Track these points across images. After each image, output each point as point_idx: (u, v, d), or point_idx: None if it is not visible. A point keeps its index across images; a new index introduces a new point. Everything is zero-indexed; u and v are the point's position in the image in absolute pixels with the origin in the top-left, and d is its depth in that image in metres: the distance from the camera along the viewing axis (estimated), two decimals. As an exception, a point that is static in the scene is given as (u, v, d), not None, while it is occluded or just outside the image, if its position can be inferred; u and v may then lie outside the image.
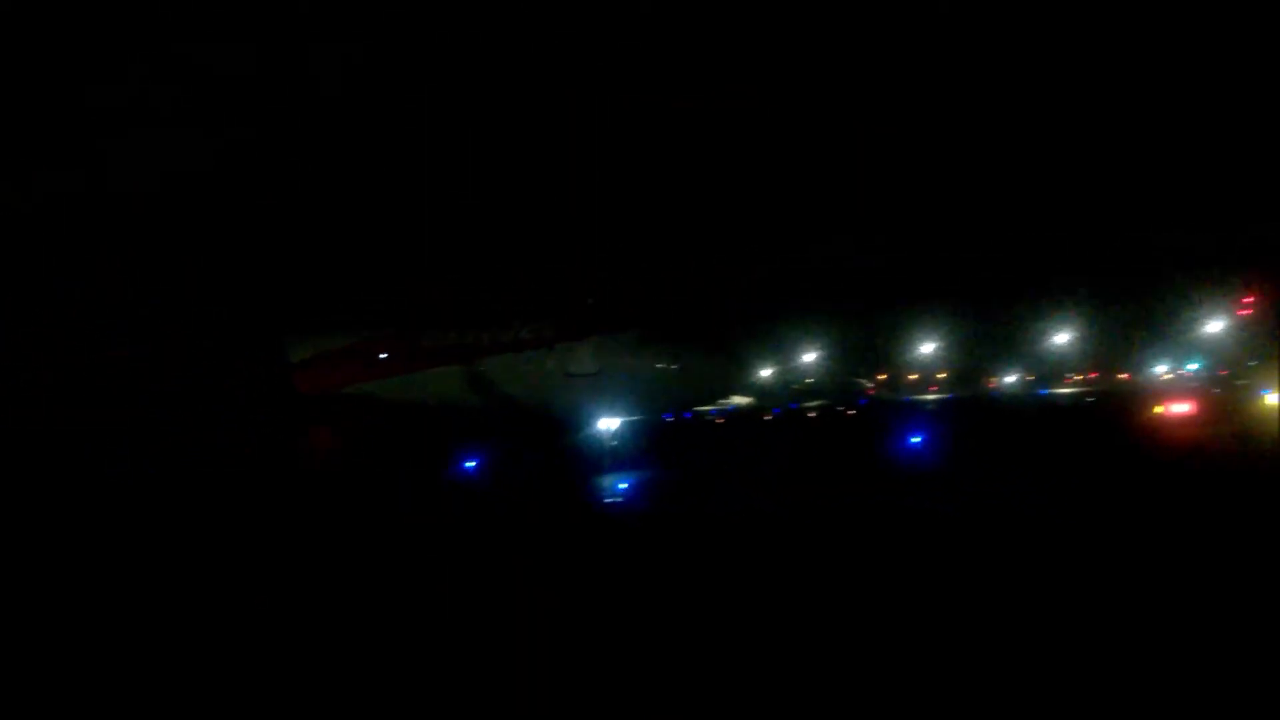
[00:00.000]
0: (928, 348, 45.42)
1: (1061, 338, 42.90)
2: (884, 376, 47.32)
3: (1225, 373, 43.91)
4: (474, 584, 13.14)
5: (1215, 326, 37.44)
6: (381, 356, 35.52)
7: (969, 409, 34.70)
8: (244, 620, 12.13)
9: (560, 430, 34.51)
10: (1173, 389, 40.48)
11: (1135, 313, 33.15)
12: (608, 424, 32.57)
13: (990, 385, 46.94)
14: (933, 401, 45.87)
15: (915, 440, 32.55)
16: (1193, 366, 41.29)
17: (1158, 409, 39.35)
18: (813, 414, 38.19)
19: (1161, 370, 40.02)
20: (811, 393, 40.02)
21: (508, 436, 36.67)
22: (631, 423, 33.22)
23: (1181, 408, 38.84)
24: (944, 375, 56.47)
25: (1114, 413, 39.41)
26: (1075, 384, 42.55)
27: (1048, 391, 39.52)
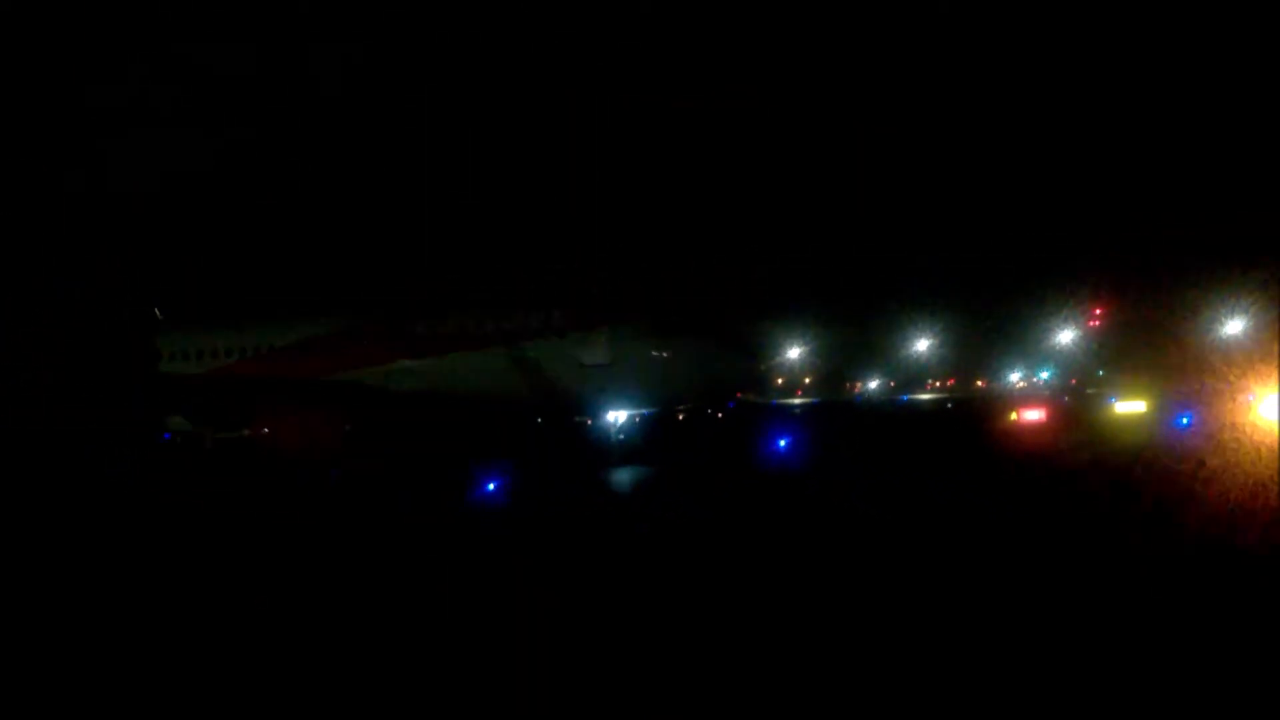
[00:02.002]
0: (793, 353, 46.00)
1: (922, 345, 43.86)
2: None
3: (1075, 381, 45.55)
4: (470, 588, 12.66)
5: (1066, 337, 38.74)
6: (368, 344, 33.66)
7: (833, 413, 35.22)
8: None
9: (576, 420, 33.99)
10: (1026, 396, 41.79)
11: (991, 322, 34.11)
12: (616, 416, 31.97)
13: (854, 390, 47.91)
14: (798, 405, 46.42)
15: (780, 443, 32.94)
16: (1045, 375, 42.70)
17: (1012, 415, 40.65)
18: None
19: (1016, 378, 41.25)
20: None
21: (520, 428, 35.61)
22: (639, 416, 32.73)
23: (1034, 414, 40.20)
24: (809, 380, 57.37)
25: (970, 418, 40.56)
26: (935, 390, 43.57)
27: (908, 397, 40.36)
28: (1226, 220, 41.26)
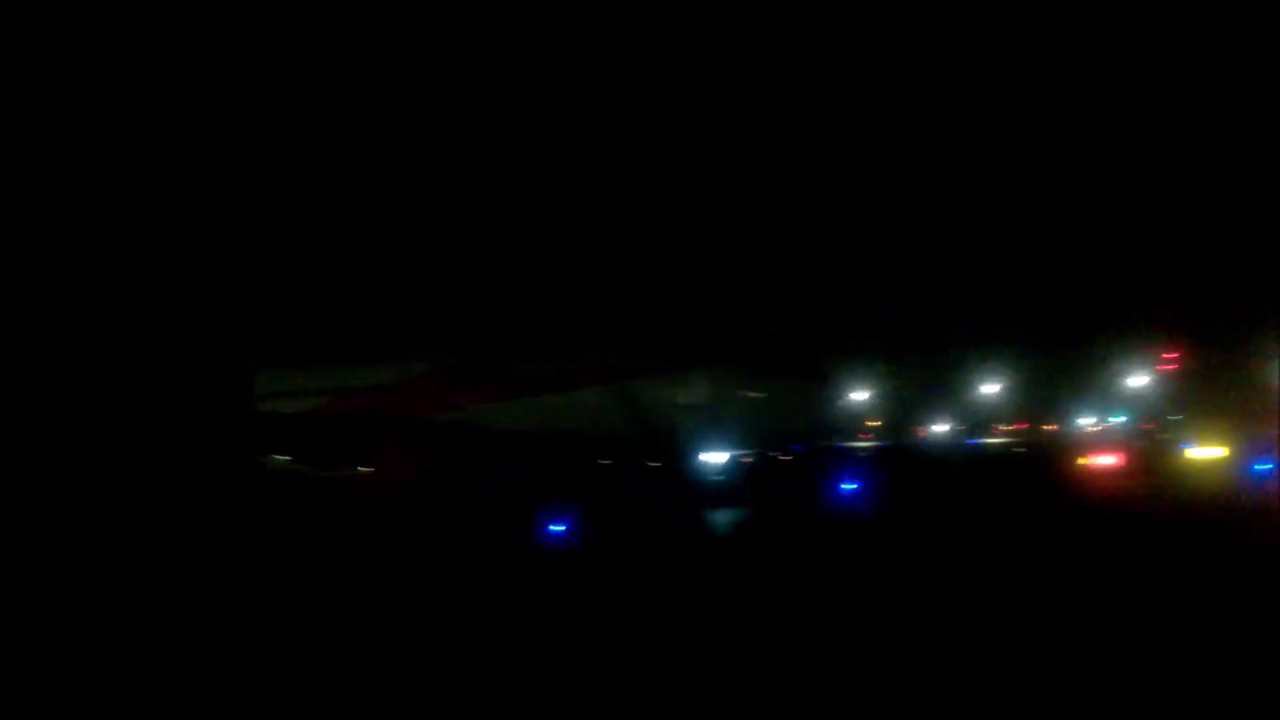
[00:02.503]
0: (860, 396, 45.46)
1: (991, 388, 43.24)
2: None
3: (1150, 425, 44.53)
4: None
5: (1140, 379, 37.95)
6: (468, 383, 34.16)
7: (898, 456, 34.86)
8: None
9: (674, 460, 33.84)
10: (1098, 440, 40.91)
11: (1062, 364, 33.49)
12: (714, 457, 31.52)
13: (920, 433, 47.14)
14: (863, 449, 45.91)
15: (848, 487, 32.54)
16: (1118, 418, 41.81)
17: (1083, 460, 39.77)
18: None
19: (1088, 422, 40.39)
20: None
21: (616, 468, 35.89)
22: (738, 457, 32.08)
23: (1106, 459, 39.29)
24: (874, 423, 56.64)
25: (1039, 462, 39.79)
26: (1004, 434, 42.86)
27: (976, 441, 39.71)
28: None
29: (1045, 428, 44.65)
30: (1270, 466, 34.80)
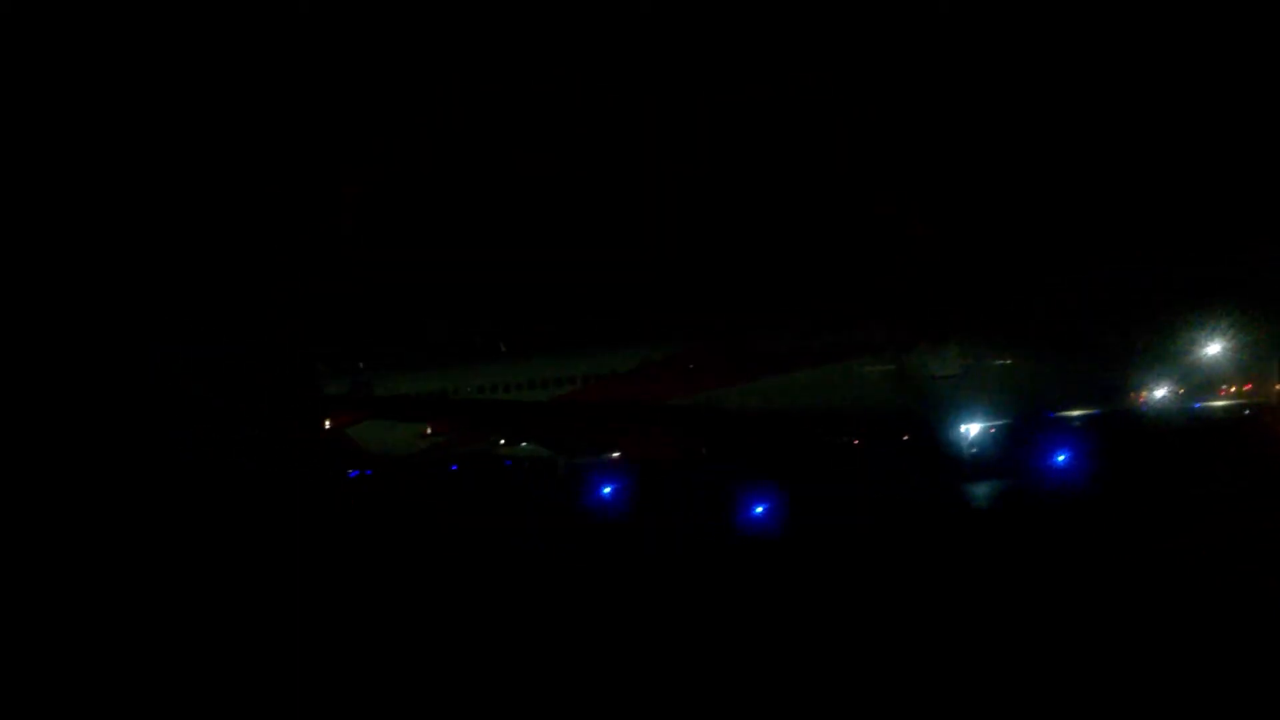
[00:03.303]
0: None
1: (1214, 348, 41.62)
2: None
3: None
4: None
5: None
6: (710, 366, 34.47)
7: (1117, 424, 33.93)
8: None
9: (928, 435, 33.72)
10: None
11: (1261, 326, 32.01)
12: (968, 429, 31.54)
13: (1139, 399, 45.47)
14: (1078, 417, 44.84)
15: (1060, 458, 32.04)
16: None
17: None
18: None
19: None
20: None
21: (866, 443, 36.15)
22: (993, 427, 32.17)
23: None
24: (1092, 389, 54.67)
25: (1270, 426, 38.03)
26: (1229, 396, 41.17)
27: (1200, 405, 38.41)
28: None
29: (1276, 388, 42.61)
30: None
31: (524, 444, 36.33)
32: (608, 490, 29.95)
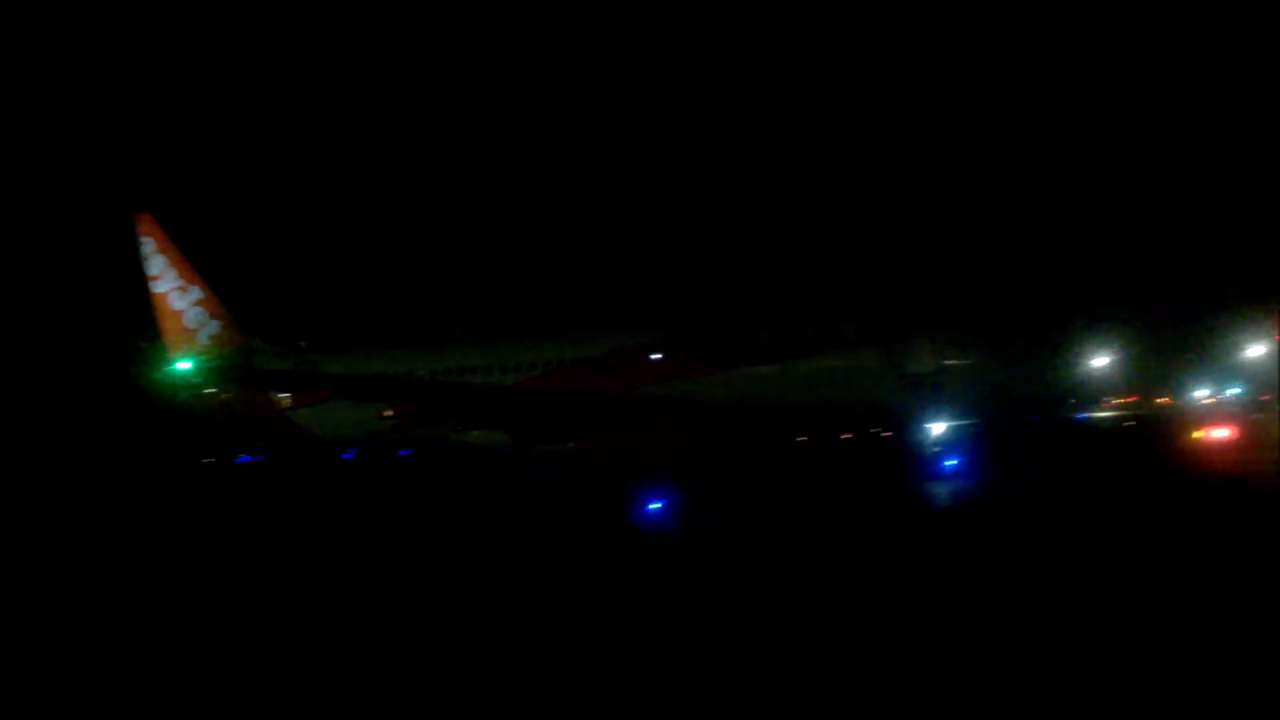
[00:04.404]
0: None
1: (1100, 361, 42.16)
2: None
3: (1267, 397, 43.18)
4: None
5: (1257, 349, 36.86)
6: (687, 355, 33.42)
7: (1009, 431, 34.21)
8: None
9: (898, 432, 33.10)
10: (1213, 413, 39.84)
11: (1175, 335, 32.57)
12: (937, 427, 31.13)
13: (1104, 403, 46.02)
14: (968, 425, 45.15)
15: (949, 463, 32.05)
16: (1233, 390, 40.68)
17: (1197, 433, 38.80)
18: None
19: (1201, 394, 39.41)
20: None
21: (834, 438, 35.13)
22: (960, 427, 31.69)
23: (1221, 432, 38.28)
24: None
25: (1152, 436, 38.91)
26: (1114, 407, 41.99)
27: (1085, 415, 39.04)
28: None
29: (1158, 401, 43.65)
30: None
31: (476, 431, 34.42)
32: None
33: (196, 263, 39.48)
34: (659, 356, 33.05)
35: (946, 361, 29.44)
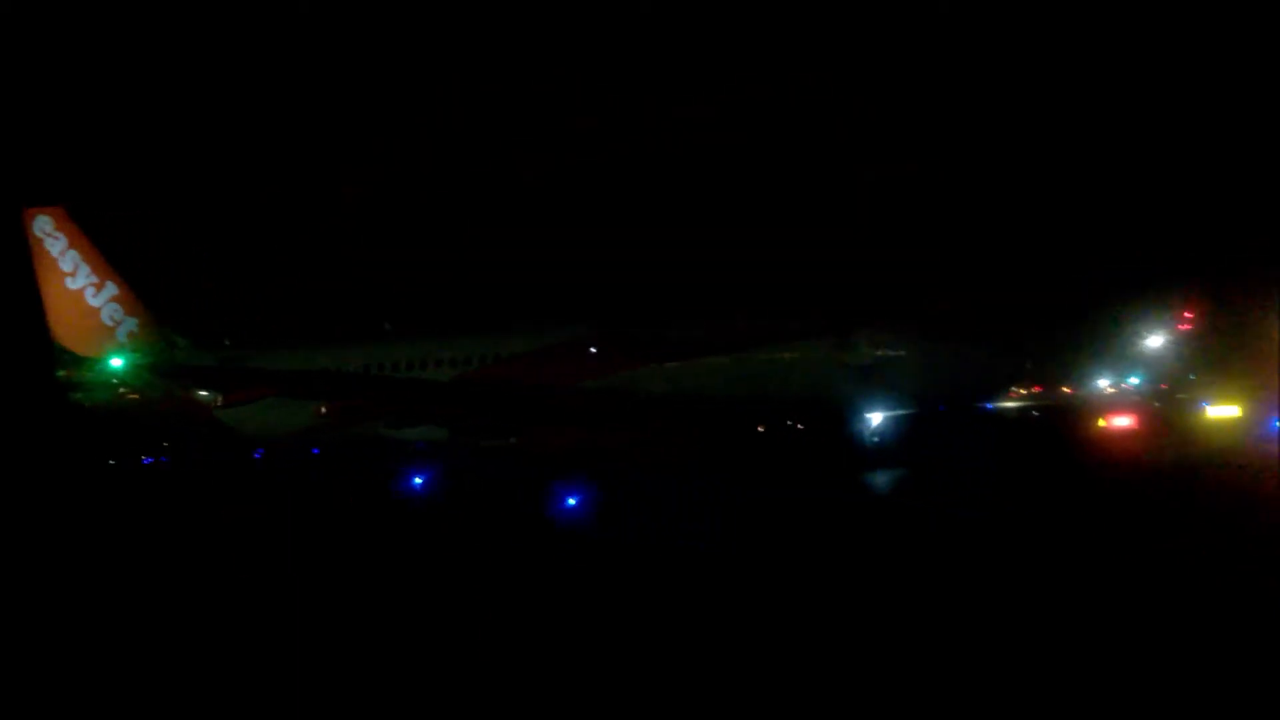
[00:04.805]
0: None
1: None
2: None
3: (1166, 386, 44.86)
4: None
5: (1157, 341, 38.36)
6: (624, 348, 32.57)
7: (918, 421, 34.98)
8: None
9: (837, 422, 32.63)
10: (1115, 402, 41.29)
11: (1078, 327, 33.74)
12: (872, 417, 31.10)
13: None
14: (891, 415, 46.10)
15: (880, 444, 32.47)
16: (1135, 380, 42.21)
17: (1101, 422, 40.26)
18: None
19: (1104, 384, 40.88)
20: None
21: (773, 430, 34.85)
22: (897, 418, 31.63)
23: (1124, 421, 39.77)
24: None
25: (1057, 425, 40.23)
26: (1020, 397, 43.28)
27: (993, 406, 40.15)
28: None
29: (1062, 391, 45.12)
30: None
31: (413, 428, 33.58)
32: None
33: (111, 259, 38.73)
34: (592, 351, 32.94)
35: (887, 353, 29.88)
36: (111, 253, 38.76)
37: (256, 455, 37.98)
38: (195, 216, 49.00)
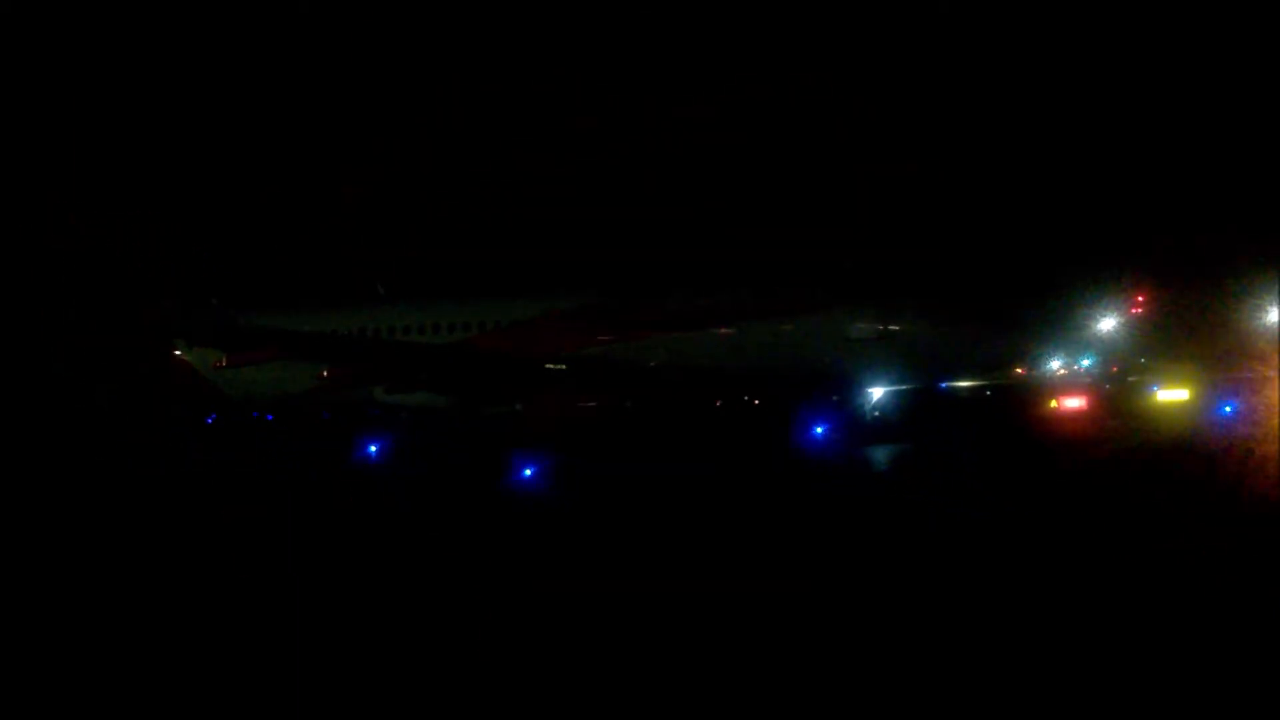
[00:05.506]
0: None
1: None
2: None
3: (1117, 369, 45.11)
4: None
5: (1108, 323, 38.39)
6: (611, 319, 32.04)
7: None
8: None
9: (838, 397, 32.78)
10: (1067, 384, 41.42)
11: (1030, 309, 33.58)
12: (875, 392, 31.07)
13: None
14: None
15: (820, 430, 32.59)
16: (1086, 363, 42.34)
17: (1052, 403, 40.40)
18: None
19: (1056, 366, 40.92)
20: None
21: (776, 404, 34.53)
22: (897, 393, 31.66)
23: (1075, 402, 39.93)
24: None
25: (1009, 406, 40.37)
26: (972, 378, 43.37)
27: (946, 386, 40.12)
28: (1273, 206, 40.88)
29: (1015, 372, 45.28)
30: (1233, 408, 35.51)
31: (419, 393, 32.81)
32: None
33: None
34: (593, 318, 32.47)
35: (889, 328, 29.71)
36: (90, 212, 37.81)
37: (269, 418, 37.50)
38: (182, 172, 47.68)
